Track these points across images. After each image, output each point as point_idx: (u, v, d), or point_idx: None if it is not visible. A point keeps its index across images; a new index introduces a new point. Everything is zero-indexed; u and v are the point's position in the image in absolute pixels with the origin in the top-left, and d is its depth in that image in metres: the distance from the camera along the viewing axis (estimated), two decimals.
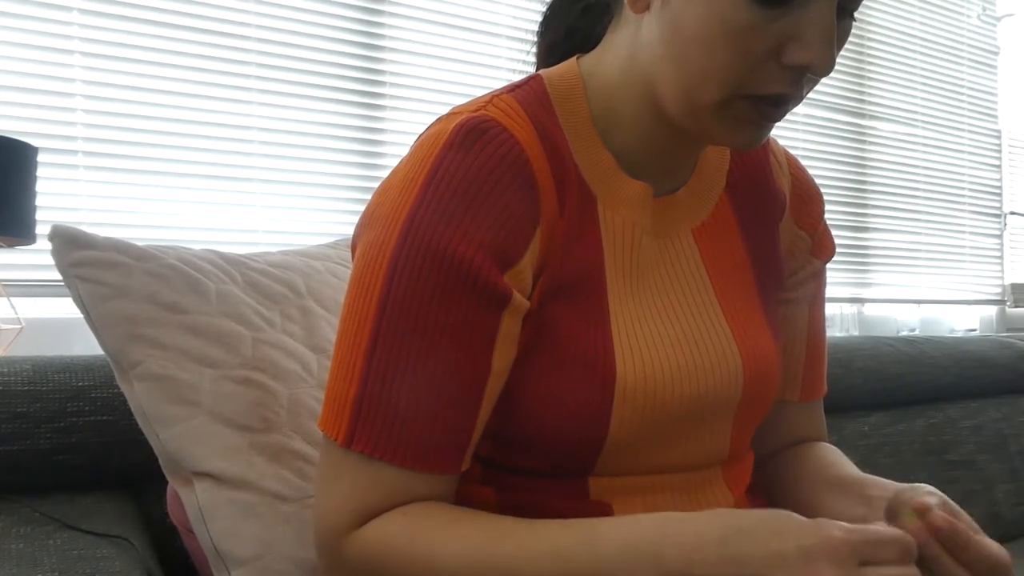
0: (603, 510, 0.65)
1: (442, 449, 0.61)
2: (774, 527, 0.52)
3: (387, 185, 0.64)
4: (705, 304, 0.70)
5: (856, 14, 0.62)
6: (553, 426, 0.63)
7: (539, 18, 0.77)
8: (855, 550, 0.50)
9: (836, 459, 0.79)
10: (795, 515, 0.53)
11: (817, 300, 0.84)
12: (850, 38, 0.64)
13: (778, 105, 0.62)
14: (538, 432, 0.63)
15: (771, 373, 0.73)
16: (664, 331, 0.66)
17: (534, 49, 0.77)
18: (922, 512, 0.57)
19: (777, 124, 0.79)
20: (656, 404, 0.64)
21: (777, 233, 0.78)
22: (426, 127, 0.66)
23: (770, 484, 0.82)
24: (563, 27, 0.74)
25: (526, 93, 0.67)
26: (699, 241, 0.72)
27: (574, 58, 0.70)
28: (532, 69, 0.77)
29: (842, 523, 0.52)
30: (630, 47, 0.65)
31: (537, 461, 0.65)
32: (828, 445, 0.83)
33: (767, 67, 0.59)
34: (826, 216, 0.84)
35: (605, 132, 0.68)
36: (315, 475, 0.65)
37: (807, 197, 0.80)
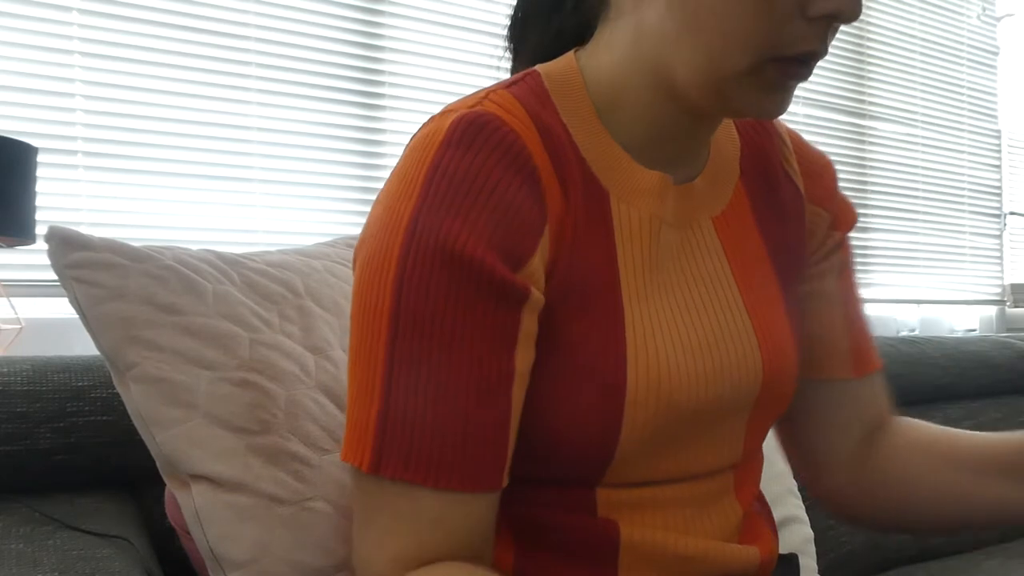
0: (610, 527, 0.64)
1: (478, 462, 0.56)
2: None
3: (384, 192, 0.61)
4: (727, 299, 0.67)
5: None
6: (561, 435, 0.60)
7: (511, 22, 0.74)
8: None
9: (948, 430, 0.73)
10: None
11: (845, 271, 0.79)
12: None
13: (806, 63, 0.59)
14: (545, 441, 0.61)
15: (789, 369, 0.70)
16: (683, 331, 0.64)
17: (508, 55, 0.74)
18: None
19: (777, 124, 0.78)
20: (669, 411, 0.62)
21: (797, 218, 0.75)
22: (419, 127, 0.63)
23: (882, 484, 0.76)
24: (551, 31, 0.71)
25: (523, 89, 0.64)
26: (719, 231, 0.69)
27: (571, 52, 0.67)
28: (508, 73, 0.75)
29: None
30: (632, 36, 0.63)
31: (544, 469, 0.62)
32: (914, 420, 0.77)
33: (793, 25, 0.57)
34: None
35: (611, 125, 0.65)
36: (353, 520, 0.61)
37: (815, 171, 0.77)
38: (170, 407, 0.71)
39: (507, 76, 0.70)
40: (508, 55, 0.74)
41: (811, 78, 0.63)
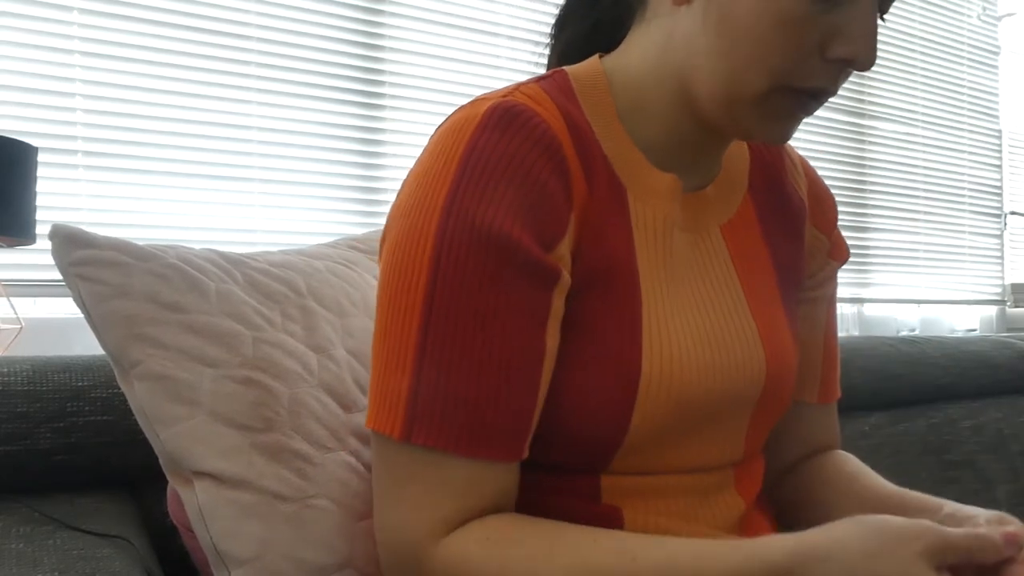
0: (613, 513, 0.65)
1: (506, 434, 0.58)
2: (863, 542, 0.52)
3: (416, 174, 0.63)
4: (734, 301, 0.70)
5: None
6: (574, 419, 0.62)
7: (542, 18, 0.77)
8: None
9: (861, 470, 0.79)
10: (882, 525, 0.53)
11: (832, 303, 0.84)
12: None
13: (816, 98, 0.62)
14: (558, 424, 0.62)
15: (790, 374, 0.73)
16: (694, 327, 0.66)
17: (547, 51, 0.77)
18: None
19: (788, 146, 0.80)
20: (680, 402, 0.64)
21: (799, 237, 0.78)
22: (447, 117, 0.65)
23: (794, 497, 0.81)
24: (588, 23, 0.73)
25: (551, 85, 0.66)
26: (727, 238, 0.72)
27: (596, 55, 0.70)
28: (541, 70, 0.76)
29: (944, 532, 0.52)
30: (663, 41, 0.65)
31: (553, 454, 0.64)
32: (847, 455, 0.83)
33: (811, 61, 0.60)
34: None
35: (631, 127, 0.67)
36: (374, 486, 0.62)
37: (822, 200, 0.81)
38: (174, 404, 0.71)
39: (522, 77, 0.71)
40: (547, 47, 0.77)
41: None
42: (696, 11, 0.62)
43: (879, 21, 0.63)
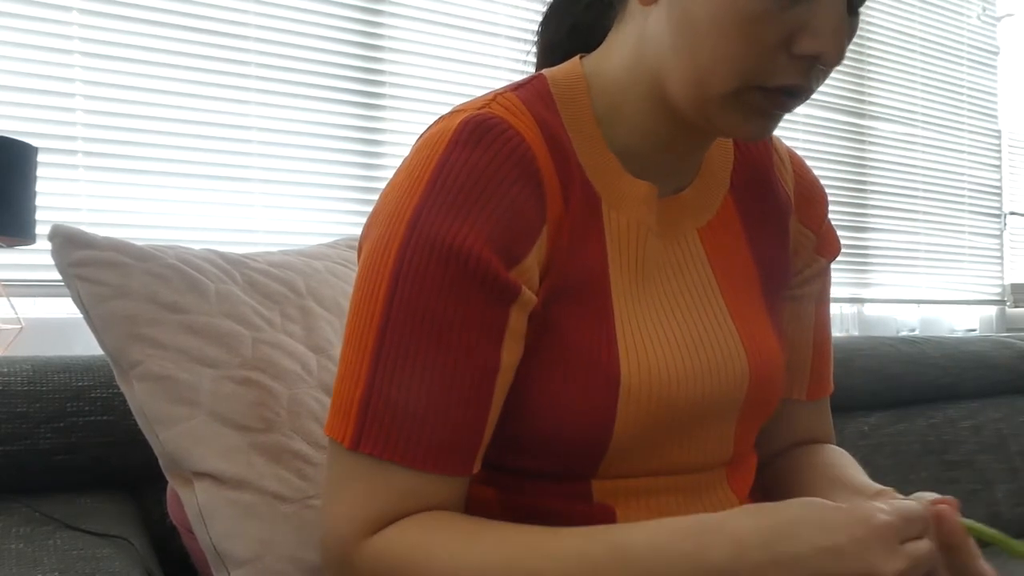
0: (606, 512, 0.65)
1: (453, 448, 0.59)
2: (817, 520, 0.53)
3: (390, 185, 0.64)
4: (711, 304, 0.69)
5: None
6: (556, 429, 0.62)
7: (539, 18, 0.77)
8: (899, 532, 0.52)
9: (843, 461, 0.79)
10: (827, 503, 0.54)
11: (823, 298, 0.83)
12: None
13: (792, 96, 0.61)
14: (541, 434, 0.63)
15: (776, 374, 0.73)
16: (670, 332, 0.66)
17: (534, 49, 0.77)
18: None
19: (777, 142, 0.80)
20: (661, 406, 0.64)
21: (784, 233, 0.78)
22: (428, 126, 0.65)
23: (774, 483, 0.81)
24: (565, 25, 0.73)
25: (529, 92, 0.66)
26: (704, 241, 0.71)
27: (577, 57, 0.70)
28: (532, 69, 0.76)
29: (878, 504, 0.53)
30: (636, 42, 0.65)
31: (539, 463, 0.64)
32: (836, 447, 0.83)
33: (777, 58, 0.59)
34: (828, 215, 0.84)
35: (609, 132, 0.67)
36: (322, 483, 0.64)
37: (810, 195, 0.80)
38: (173, 405, 0.71)
39: (521, 77, 0.71)
40: (533, 44, 0.77)
41: None
42: (662, 11, 0.62)
43: (858, 18, 0.62)
